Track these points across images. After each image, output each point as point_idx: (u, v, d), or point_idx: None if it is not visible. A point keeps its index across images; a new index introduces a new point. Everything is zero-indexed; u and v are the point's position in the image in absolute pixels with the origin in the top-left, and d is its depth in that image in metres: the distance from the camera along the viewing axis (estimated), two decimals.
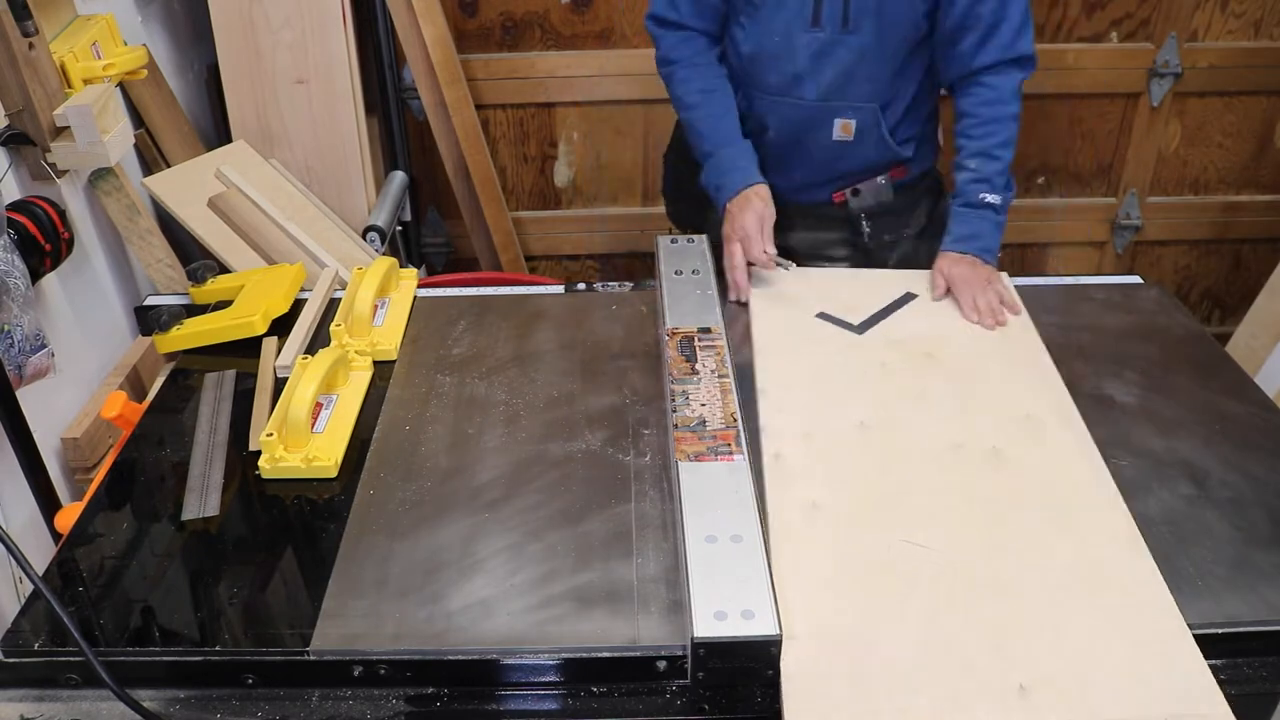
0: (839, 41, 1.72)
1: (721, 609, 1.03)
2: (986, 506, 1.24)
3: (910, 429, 1.36)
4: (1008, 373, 1.48)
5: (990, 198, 1.66)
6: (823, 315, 1.61)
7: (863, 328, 1.57)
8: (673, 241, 1.74)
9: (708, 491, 1.19)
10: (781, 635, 1.02)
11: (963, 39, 1.65)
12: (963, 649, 1.05)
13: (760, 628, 1.02)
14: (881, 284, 1.69)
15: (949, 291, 1.65)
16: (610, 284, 1.76)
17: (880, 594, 1.12)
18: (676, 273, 1.64)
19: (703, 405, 1.33)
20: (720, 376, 1.39)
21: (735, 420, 1.31)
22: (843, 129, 1.83)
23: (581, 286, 1.76)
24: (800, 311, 1.62)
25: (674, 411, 1.33)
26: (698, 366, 1.41)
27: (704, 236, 1.75)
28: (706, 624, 1.02)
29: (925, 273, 1.72)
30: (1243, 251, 3.01)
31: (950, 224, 1.71)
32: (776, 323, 1.60)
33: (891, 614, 1.09)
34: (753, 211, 1.68)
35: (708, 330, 1.49)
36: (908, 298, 1.65)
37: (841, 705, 0.99)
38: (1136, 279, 1.75)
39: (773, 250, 1.67)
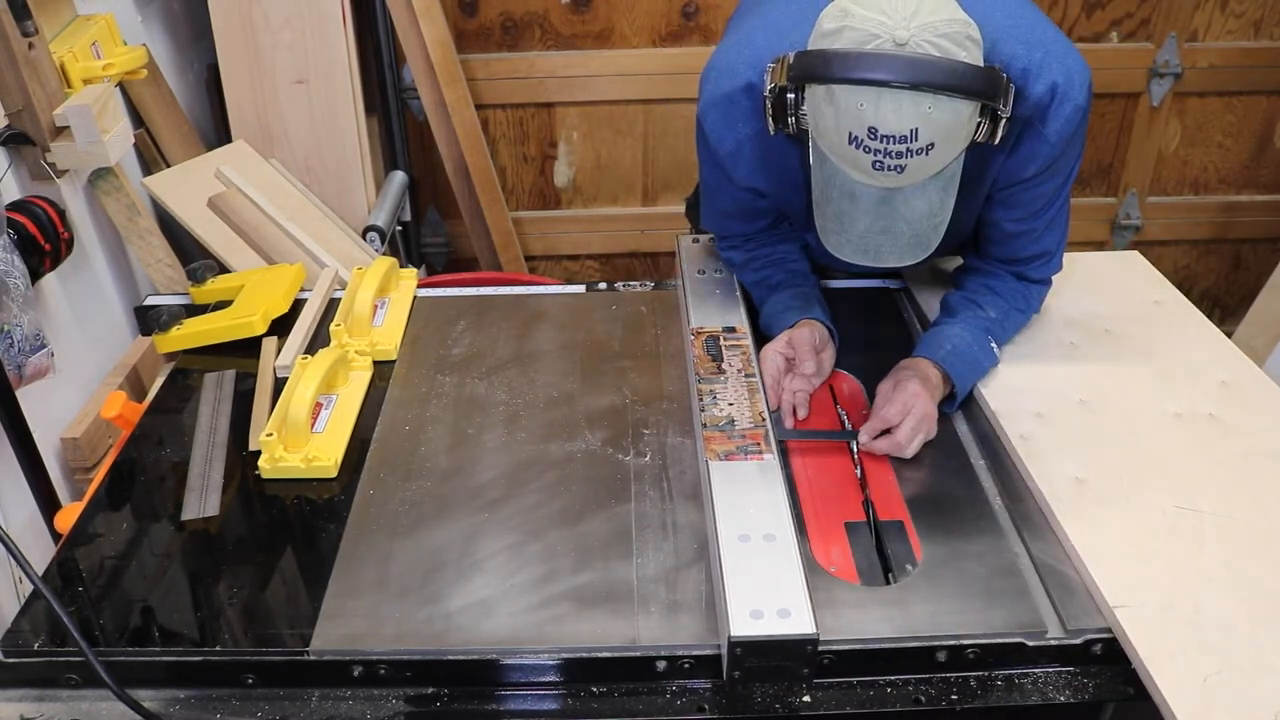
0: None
1: (757, 608, 1.04)
2: (1232, 466, 1.30)
3: (1126, 402, 1.42)
4: (1185, 344, 1.55)
5: (995, 346, 1.45)
6: None
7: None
8: (694, 241, 1.75)
9: (738, 490, 1.19)
10: (818, 634, 1.03)
11: (1010, 255, 1.47)
12: None
13: (797, 626, 1.02)
14: None
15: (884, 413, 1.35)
16: (632, 283, 1.76)
17: (1179, 557, 1.16)
18: (699, 272, 1.65)
19: (730, 404, 1.33)
20: (747, 376, 1.39)
21: (764, 420, 1.30)
22: None
23: (603, 286, 1.76)
24: None
25: (702, 411, 1.33)
26: (724, 366, 1.41)
27: None
28: (743, 623, 1.02)
29: (1075, 255, 1.71)
30: (1243, 251, 3.01)
31: (950, 337, 1.43)
32: None
33: (1200, 574, 1.13)
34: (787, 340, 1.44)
35: (732, 330, 1.50)
36: (1061, 279, 1.65)
37: (1203, 667, 1.02)
38: None
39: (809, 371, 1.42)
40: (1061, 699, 1.08)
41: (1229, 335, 1.60)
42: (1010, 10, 1.29)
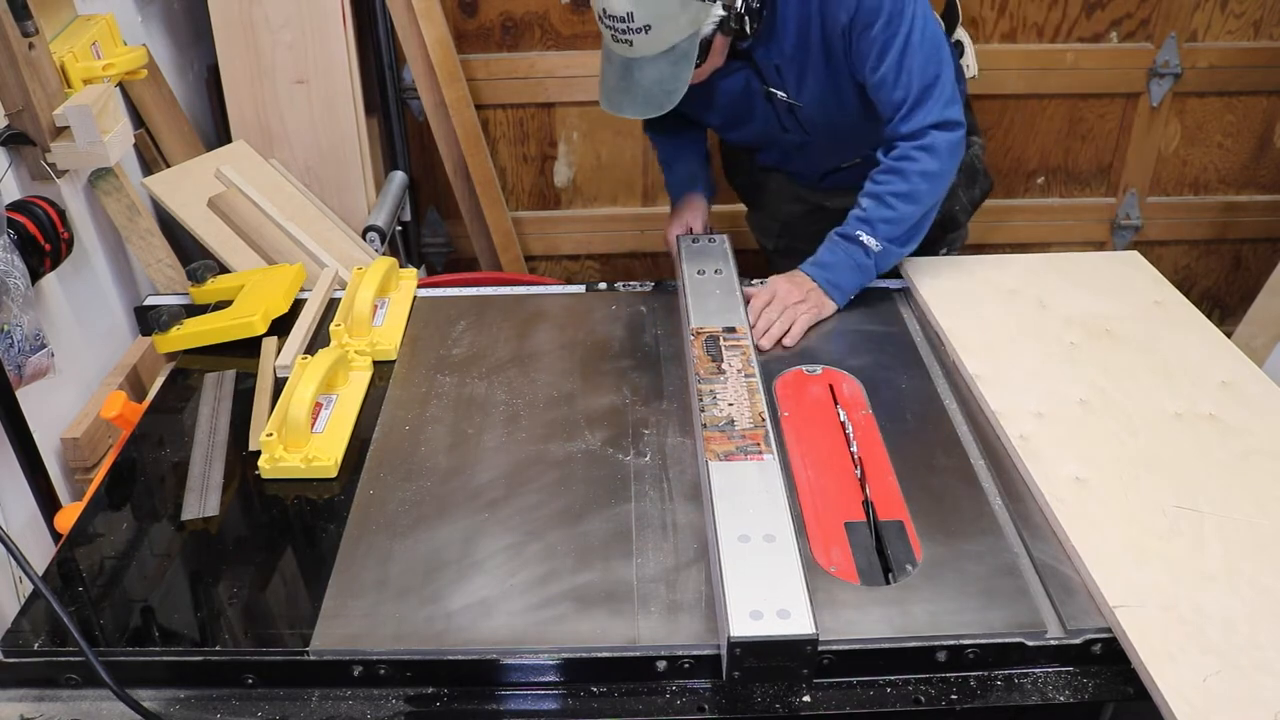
0: (809, 140, 1.79)
1: (757, 608, 1.04)
2: (1232, 466, 1.30)
3: (1126, 402, 1.42)
4: (1185, 344, 1.55)
5: (866, 239, 1.62)
6: (993, 299, 1.66)
7: (1037, 309, 1.63)
8: (694, 241, 1.75)
9: (738, 491, 1.19)
10: (818, 634, 1.03)
11: (885, 115, 1.64)
12: None
13: (797, 627, 1.02)
14: (1030, 267, 1.75)
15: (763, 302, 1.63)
16: (632, 283, 1.76)
17: (1179, 558, 1.15)
18: (699, 273, 1.65)
19: (730, 405, 1.34)
20: (747, 376, 1.39)
21: (763, 420, 1.30)
22: (850, 166, 1.87)
23: (603, 286, 1.76)
24: (971, 298, 1.66)
25: (701, 411, 1.32)
26: (724, 366, 1.41)
27: (725, 236, 1.78)
28: (742, 623, 1.03)
29: (1075, 255, 1.79)
30: (1243, 251, 3.01)
31: (819, 248, 1.68)
32: (956, 310, 1.63)
33: (1200, 574, 1.13)
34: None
35: (732, 330, 1.50)
36: (1061, 279, 1.71)
37: (1203, 667, 1.02)
38: None
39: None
40: (1061, 699, 1.08)
41: (1229, 335, 1.60)
42: None
